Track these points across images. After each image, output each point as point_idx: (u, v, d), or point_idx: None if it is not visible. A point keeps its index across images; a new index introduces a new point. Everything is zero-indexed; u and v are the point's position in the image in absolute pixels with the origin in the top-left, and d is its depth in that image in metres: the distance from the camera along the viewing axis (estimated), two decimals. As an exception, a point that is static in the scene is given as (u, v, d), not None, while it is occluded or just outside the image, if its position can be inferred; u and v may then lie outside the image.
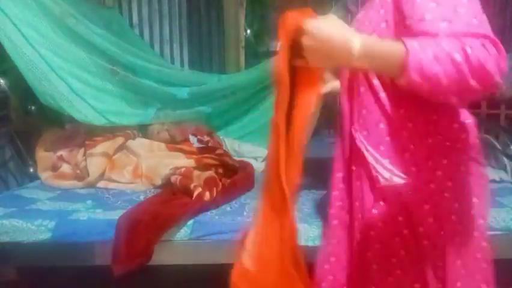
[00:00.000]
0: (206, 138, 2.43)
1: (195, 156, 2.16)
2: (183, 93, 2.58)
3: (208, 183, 1.83)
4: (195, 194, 1.74)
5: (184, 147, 2.30)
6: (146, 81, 2.44)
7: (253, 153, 2.60)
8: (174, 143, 2.35)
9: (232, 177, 2.06)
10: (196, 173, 1.94)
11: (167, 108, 2.53)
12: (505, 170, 2.12)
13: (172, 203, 1.74)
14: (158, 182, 2.07)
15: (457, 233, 0.91)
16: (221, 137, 2.68)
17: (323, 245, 1.12)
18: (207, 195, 1.74)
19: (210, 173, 1.98)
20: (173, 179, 1.95)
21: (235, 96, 2.81)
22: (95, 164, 2.13)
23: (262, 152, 2.59)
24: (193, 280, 2.18)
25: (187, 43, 3.54)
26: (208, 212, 1.72)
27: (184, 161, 2.11)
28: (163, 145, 2.32)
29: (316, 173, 2.42)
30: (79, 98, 2.05)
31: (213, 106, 2.75)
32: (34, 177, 2.25)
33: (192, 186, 1.80)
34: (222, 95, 2.75)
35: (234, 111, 2.92)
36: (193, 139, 2.44)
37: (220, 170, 2.12)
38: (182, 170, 1.98)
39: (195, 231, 1.64)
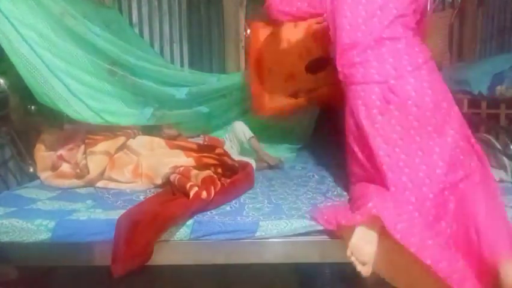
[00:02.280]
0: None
1: (194, 154, 2.16)
2: (182, 93, 2.57)
3: (205, 183, 1.83)
4: (191, 193, 1.74)
5: (184, 143, 2.29)
6: (145, 81, 2.43)
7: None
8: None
9: (232, 177, 2.06)
10: (194, 172, 1.94)
11: (165, 108, 2.53)
12: (505, 170, 2.12)
13: (172, 202, 1.74)
14: (159, 181, 2.07)
15: None
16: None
17: None
18: (204, 194, 1.74)
19: (208, 172, 1.98)
20: (172, 178, 1.95)
21: (234, 96, 2.81)
22: (95, 162, 2.13)
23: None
24: (193, 280, 2.19)
25: (187, 43, 3.54)
26: (208, 212, 1.72)
27: (183, 160, 2.11)
28: (163, 142, 2.32)
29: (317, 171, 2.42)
30: (76, 98, 2.04)
31: (212, 106, 2.75)
32: (34, 176, 2.25)
33: (188, 185, 1.80)
34: (221, 95, 2.75)
35: (233, 111, 2.92)
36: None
37: (220, 170, 2.12)
38: (181, 169, 1.98)
39: (194, 231, 1.64)
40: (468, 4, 3.53)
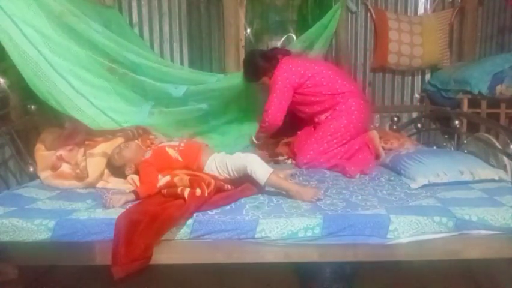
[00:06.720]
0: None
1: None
2: (180, 91, 2.57)
3: (194, 182, 1.83)
4: (186, 194, 1.74)
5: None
6: (144, 80, 2.44)
7: None
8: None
9: (241, 186, 1.99)
10: (176, 178, 1.92)
11: (161, 106, 2.53)
12: (504, 169, 2.12)
13: (171, 203, 1.74)
14: None
15: None
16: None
17: None
18: (198, 191, 1.74)
19: (188, 177, 1.93)
20: (162, 193, 1.92)
21: (233, 95, 2.80)
22: (94, 165, 2.12)
23: None
24: (193, 280, 2.19)
25: (187, 42, 3.53)
26: (208, 211, 1.72)
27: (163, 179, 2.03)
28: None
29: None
30: (79, 96, 2.04)
31: (211, 105, 2.74)
32: (34, 176, 2.25)
33: (179, 190, 1.80)
34: (220, 94, 2.74)
35: (232, 110, 2.92)
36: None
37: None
38: (163, 184, 1.94)
39: (194, 230, 1.64)
40: (468, 4, 3.52)
